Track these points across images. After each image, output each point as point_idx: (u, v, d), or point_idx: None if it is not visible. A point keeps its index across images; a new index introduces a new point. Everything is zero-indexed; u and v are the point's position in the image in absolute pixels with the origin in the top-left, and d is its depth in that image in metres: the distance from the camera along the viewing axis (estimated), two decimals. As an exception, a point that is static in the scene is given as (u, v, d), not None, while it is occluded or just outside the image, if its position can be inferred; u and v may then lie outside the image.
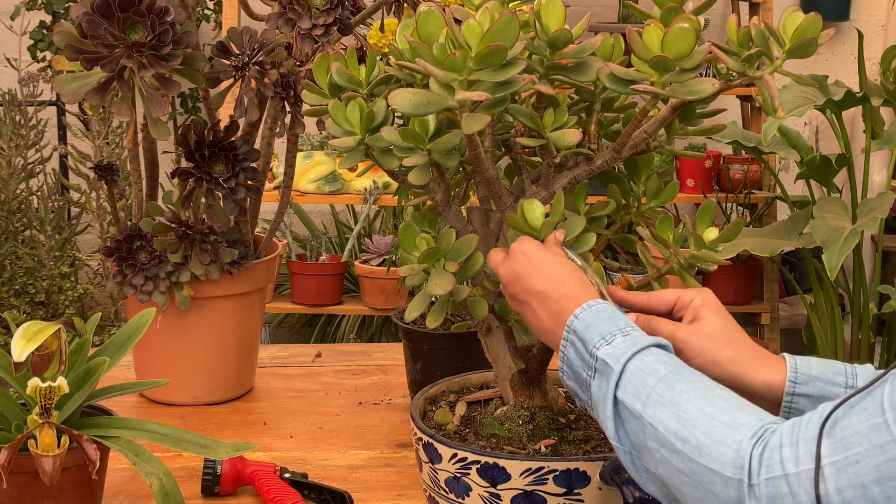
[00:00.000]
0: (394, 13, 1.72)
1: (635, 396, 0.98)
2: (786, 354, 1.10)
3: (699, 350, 1.09)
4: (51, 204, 3.79)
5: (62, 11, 3.82)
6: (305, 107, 1.27)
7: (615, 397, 0.99)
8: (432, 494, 1.24)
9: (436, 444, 1.19)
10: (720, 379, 1.06)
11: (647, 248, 1.24)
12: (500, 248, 1.17)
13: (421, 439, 1.22)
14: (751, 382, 1.08)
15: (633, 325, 1.05)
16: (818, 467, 0.85)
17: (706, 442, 0.92)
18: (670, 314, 1.15)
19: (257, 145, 1.69)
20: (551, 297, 1.09)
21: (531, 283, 1.11)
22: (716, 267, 1.19)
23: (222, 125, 1.63)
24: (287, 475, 1.42)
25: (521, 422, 1.25)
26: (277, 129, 1.65)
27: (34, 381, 1.15)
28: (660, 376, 0.98)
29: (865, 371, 1.08)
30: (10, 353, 1.19)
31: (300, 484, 1.41)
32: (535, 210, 1.15)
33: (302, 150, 3.57)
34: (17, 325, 1.20)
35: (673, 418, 0.95)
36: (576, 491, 1.15)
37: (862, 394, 0.88)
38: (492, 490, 1.16)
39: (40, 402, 1.16)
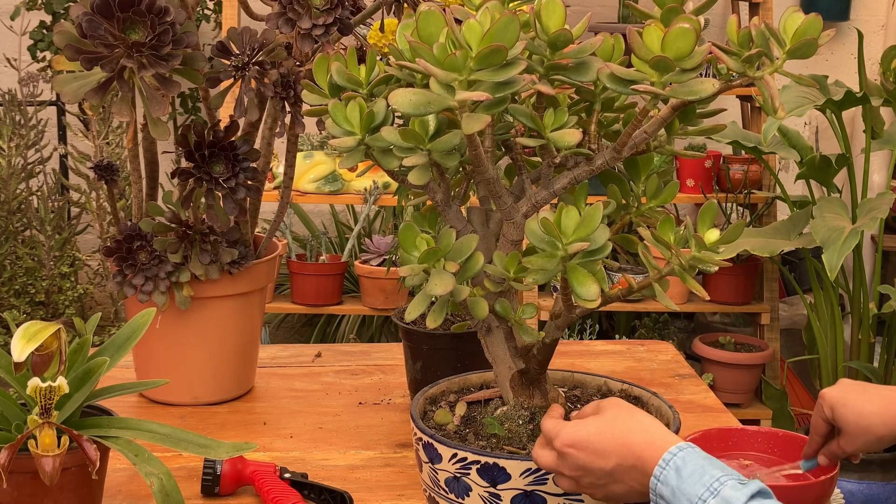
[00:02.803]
0: (394, 13, 1.72)
1: None
2: None
3: (853, 436, 1.23)
4: (51, 204, 3.78)
5: (62, 11, 3.82)
6: (305, 107, 1.27)
7: None
8: (432, 494, 1.24)
9: (436, 444, 1.19)
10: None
11: (648, 248, 1.24)
12: (542, 447, 1.12)
13: (421, 439, 1.22)
14: None
15: (719, 474, 0.99)
16: None
17: None
18: (836, 430, 1.27)
19: (257, 145, 1.69)
20: (624, 466, 1.04)
21: (601, 466, 1.06)
22: (717, 268, 1.19)
23: (222, 125, 1.63)
24: (287, 475, 1.42)
25: (521, 422, 1.25)
26: (277, 129, 1.65)
27: (34, 381, 1.15)
28: None
29: None
30: (10, 353, 1.19)
31: (300, 484, 1.41)
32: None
33: (302, 150, 3.57)
34: (17, 325, 1.20)
35: None
36: (576, 491, 1.15)
37: None
38: (492, 490, 1.16)
39: (40, 402, 1.16)
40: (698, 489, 0.98)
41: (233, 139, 1.61)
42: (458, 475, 1.18)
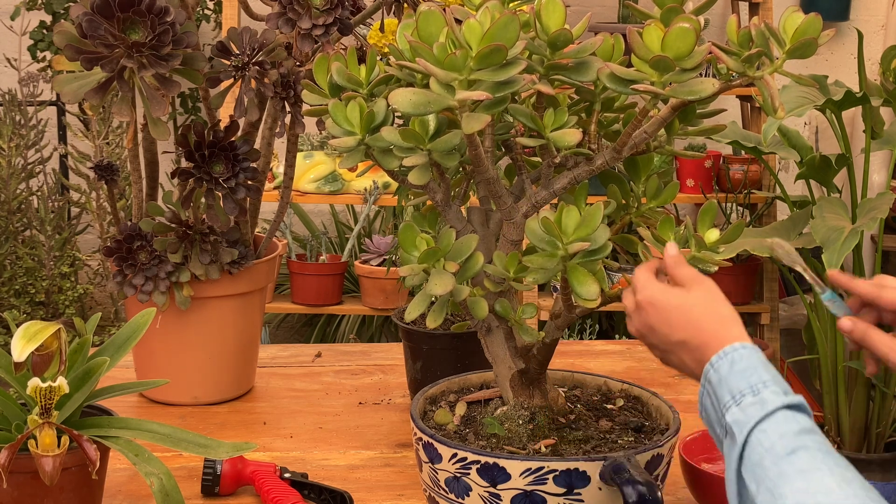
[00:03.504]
0: (394, 13, 1.72)
1: (752, 477, 0.96)
2: None
3: None
4: (51, 204, 3.78)
5: (62, 11, 3.82)
6: (305, 107, 1.27)
7: (738, 471, 0.98)
8: (432, 494, 1.23)
9: (436, 444, 1.19)
10: None
11: (648, 248, 1.24)
12: (629, 293, 1.14)
13: (421, 439, 1.22)
14: None
15: (767, 378, 1.01)
16: None
17: None
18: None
19: (257, 145, 1.69)
20: (690, 345, 1.07)
21: (668, 335, 1.09)
22: (717, 268, 1.19)
23: (222, 125, 1.63)
24: (287, 475, 1.42)
25: (521, 422, 1.25)
26: (277, 129, 1.65)
27: (34, 381, 1.15)
28: (775, 456, 0.96)
29: None
30: (10, 353, 1.19)
31: (300, 484, 1.41)
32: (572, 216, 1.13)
33: (302, 150, 3.57)
34: (17, 325, 1.20)
35: None
36: (576, 491, 1.15)
37: None
38: (492, 490, 1.16)
39: (40, 402, 1.16)
40: (742, 385, 1.01)
41: (233, 139, 1.61)
42: (458, 475, 1.18)
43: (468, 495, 1.18)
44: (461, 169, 1.31)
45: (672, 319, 1.09)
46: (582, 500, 1.15)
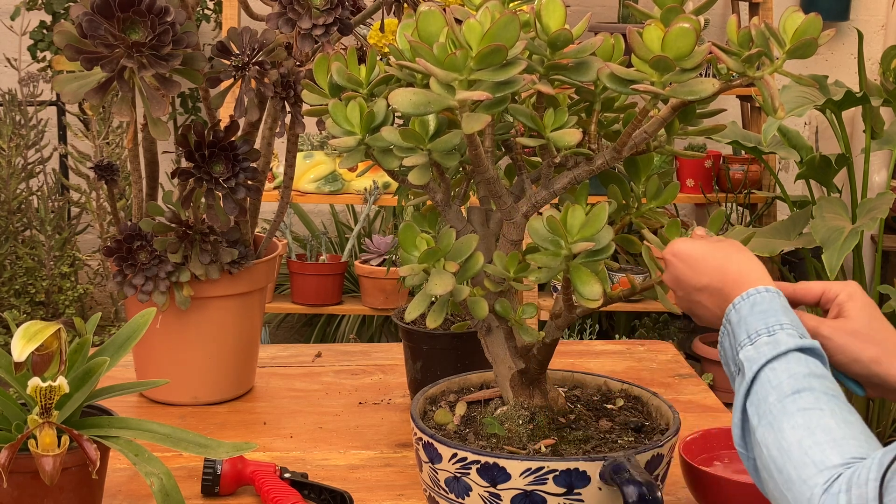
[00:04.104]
0: (394, 13, 1.72)
1: (755, 411, 0.98)
2: None
3: (841, 348, 1.09)
4: (51, 204, 3.79)
5: (62, 11, 3.82)
6: (305, 107, 1.27)
7: (744, 405, 1.00)
8: (432, 494, 1.24)
9: (436, 444, 1.19)
10: (863, 377, 1.07)
11: (651, 249, 1.24)
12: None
13: (421, 439, 1.22)
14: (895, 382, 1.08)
15: (785, 322, 1.03)
16: None
17: (794, 478, 0.93)
18: (816, 306, 1.15)
19: (257, 145, 1.69)
20: (712, 287, 1.10)
21: (692, 283, 1.12)
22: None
23: (222, 125, 1.63)
24: (287, 475, 1.42)
25: (521, 422, 1.25)
26: (277, 129, 1.65)
27: (34, 381, 1.15)
28: (780, 393, 0.98)
29: None
30: (10, 353, 1.19)
31: (300, 484, 1.41)
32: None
33: (302, 150, 3.57)
34: (17, 325, 1.20)
35: (775, 445, 0.96)
36: (576, 491, 1.15)
37: None
38: (492, 490, 1.16)
39: (40, 401, 1.16)
40: (759, 325, 1.03)
41: (233, 139, 1.61)
42: (458, 475, 1.18)
43: (468, 495, 1.18)
44: (461, 169, 1.31)
45: (698, 266, 1.11)
46: (582, 500, 1.15)
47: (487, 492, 1.16)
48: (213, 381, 1.74)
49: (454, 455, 1.17)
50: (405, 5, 1.69)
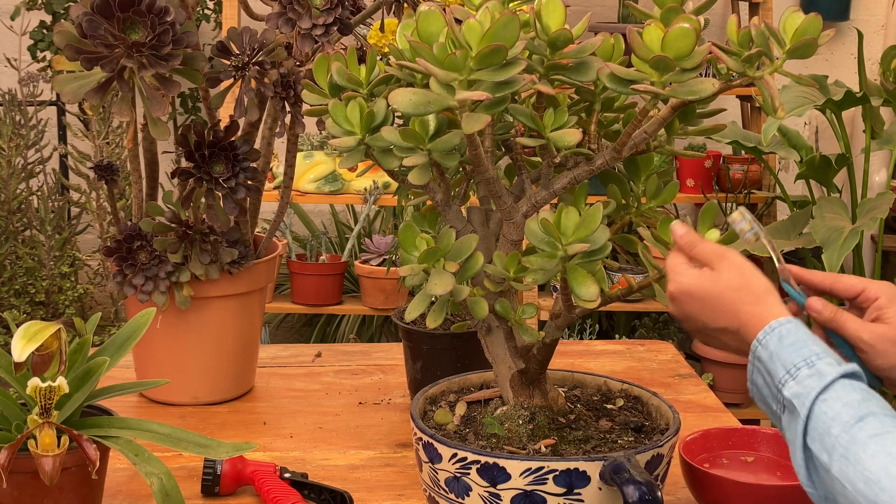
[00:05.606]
0: (394, 13, 1.72)
1: (822, 447, 0.96)
2: None
3: (883, 354, 1.08)
4: (51, 204, 3.78)
5: (62, 11, 3.82)
6: (305, 107, 1.26)
7: (805, 444, 0.98)
8: (432, 494, 1.24)
9: (436, 444, 1.19)
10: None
11: (648, 248, 1.24)
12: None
13: (421, 439, 1.22)
14: None
15: (819, 350, 1.01)
16: None
17: None
18: (853, 301, 1.14)
19: (257, 145, 1.69)
20: (730, 329, 1.08)
21: (706, 323, 1.10)
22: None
23: (222, 125, 1.63)
24: (287, 475, 1.42)
25: (521, 422, 1.25)
26: (277, 129, 1.65)
27: (34, 381, 1.15)
28: (842, 424, 0.96)
29: None
30: (10, 353, 1.19)
31: (300, 484, 1.41)
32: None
33: (302, 150, 3.57)
34: (17, 325, 1.20)
35: (860, 478, 0.93)
36: (576, 491, 1.15)
37: None
38: (492, 490, 1.16)
39: (40, 401, 1.16)
40: (795, 358, 1.01)
41: (233, 139, 1.61)
42: (458, 475, 1.18)
43: (468, 495, 1.18)
44: (461, 169, 1.31)
45: (707, 307, 1.09)
46: (582, 500, 1.15)
47: (487, 492, 1.16)
48: (213, 381, 1.74)
49: (454, 455, 1.17)
50: (405, 5, 1.69)
